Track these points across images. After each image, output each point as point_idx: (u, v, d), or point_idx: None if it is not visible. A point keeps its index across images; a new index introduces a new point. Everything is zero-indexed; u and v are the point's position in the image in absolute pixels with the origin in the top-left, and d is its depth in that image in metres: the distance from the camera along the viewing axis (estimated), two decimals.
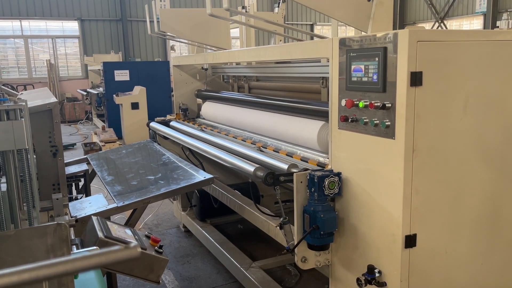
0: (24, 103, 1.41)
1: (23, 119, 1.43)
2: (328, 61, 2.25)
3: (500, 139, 2.10)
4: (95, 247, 1.51)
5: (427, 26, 20.89)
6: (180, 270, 4.10)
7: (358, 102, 2.04)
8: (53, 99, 2.34)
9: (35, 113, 2.13)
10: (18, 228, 1.26)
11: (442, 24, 19.96)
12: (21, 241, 1.09)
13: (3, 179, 1.45)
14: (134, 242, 0.53)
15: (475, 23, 18.80)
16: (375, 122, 1.97)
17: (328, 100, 2.31)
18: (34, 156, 2.08)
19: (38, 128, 2.18)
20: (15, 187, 1.44)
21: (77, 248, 1.63)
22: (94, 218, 1.83)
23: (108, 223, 1.87)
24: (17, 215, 1.40)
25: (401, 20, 22.44)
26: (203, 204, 4.47)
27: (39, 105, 2.16)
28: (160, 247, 1.97)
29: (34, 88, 13.52)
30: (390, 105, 1.90)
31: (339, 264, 2.35)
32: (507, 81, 2.07)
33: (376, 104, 1.94)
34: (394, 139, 1.89)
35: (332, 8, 2.52)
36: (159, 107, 9.79)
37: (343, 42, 2.13)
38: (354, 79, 2.07)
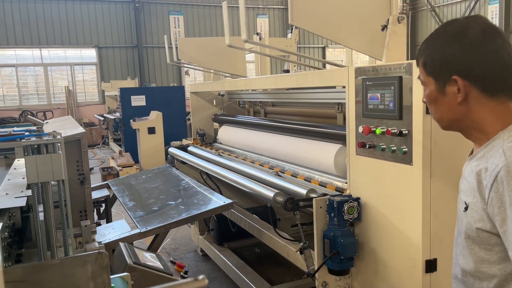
0: (61, 137, 1.50)
1: (60, 152, 1.52)
2: (344, 88, 2.32)
3: None
4: (126, 273, 1.58)
5: None
6: None
7: (375, 129, 2.10)
8: (81, 129, 2.45)
9: (65, 143, 2.23)
10: (62, 257, 1.33)
11: None
12: (64, 270, 1.16)
13: (41, 208, 1.54)
14: (202, 275, 0.59)
15: None
16: (392, 148, 2.02)
17: (344, 124, 2.38)
18: None
19: (67, 157, 2.27)
20: (52, 215, 1.53)
21: None
22: (122, 244, 1.90)
23: (135, 249, 1.94)
24: (53, 242, 1.48)
25: (412, 41, 22.59)
26: (220, 228, 4.51)
27: (68, 136, 2.27)
28: (186, 272, 2.02)
29: (53, 114, 13.86)
30: (406, 132, 1.95)
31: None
32: None
33: (393, 131, 2.00)
34: (412, 165, 1.94)
35: (347, 38, 2.62)
36: (175, 131, 9.94)
37: (359, 71, 2.20)
38: (371, 106, 2.14)
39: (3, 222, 1.47)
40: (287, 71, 5.91)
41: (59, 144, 1.48)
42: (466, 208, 1.22)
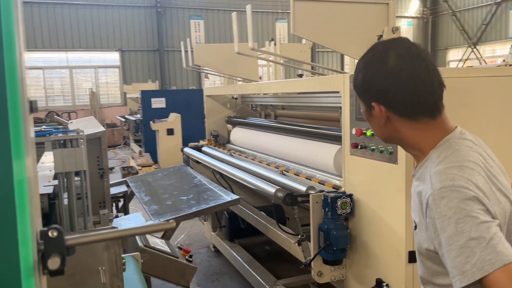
0: (84, 134, 1.75)
1: (82, 146, 1.77)
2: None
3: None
4: (136, 253, 1.82)
5: (460, 51, 20.82)
6: (209, 287, 4.35)
7: (366, 131, 2.29)
8: (101, 128, 2.71)
9: (87, 140, 2.49)
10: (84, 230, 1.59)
11: (475, 50, 19.85)
12: None
13: (65, 195, 1.79)
14: (172, 220, 0.81)
15: (508, 48, 18.59)
16: (380, 149, 2.21)
17: None
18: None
19: (88, 153, 2.53)
20: (74, 202, 1.78)
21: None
22: None
23: (147, 235, 2.18)
24: (75, 224, 1.73)
25: (433, 46, 22.47)
26: (231, 225, 4.73)
27: (90, 134, 2.53)
28: (190, 256, 2.25)
29: (77, 115, 14.37)
30: None
31: (353, 279, 2.55)
32: (504, 114, 2.27)
33: None
34: (397, 164, 2.13)
35: (346, 46, 2.81)
36: (193, 132, 10.22)
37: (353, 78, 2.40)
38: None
39: None
40: (301, 75, 6.13)
41: (81, 140, 1.72)
42: (415, 227, 1.28)
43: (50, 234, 0.60)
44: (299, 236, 2.61)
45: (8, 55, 0.57)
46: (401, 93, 1.21)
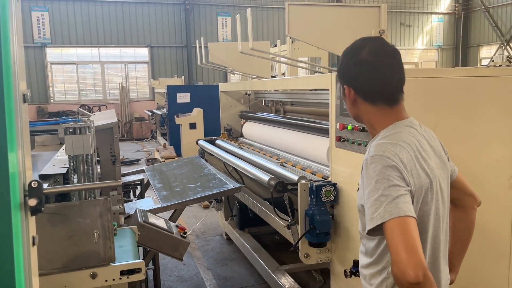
0: (90, 123, 2.06)
1: (89, 133, 2.08)
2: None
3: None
4: (134, 226, 2.12)
5: (492, 49, 20.33)
6: (218, 271, 4.65)
7: (347, 126, 2.51)
8: (115, 120, 3.02)
9: (101, 130, 2.81)
10: (80, 200, 1.90)
11: (508, 47, 19.34)
12: (82, 208, 1.71)
13: (75, 176, 2.11)
14: (119, 181, 1.07)
15: None
16: (358, 142, 2.43)
17: None
18: (99, 159, 2.74)
19: (102, 142, 2.85)
20: (83, 180, 2.09)
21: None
22: (138, 210, 2.44)
23: (148, 214, 2.47)
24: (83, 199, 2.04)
25: (464, 42, 22.02)
26: (242, 214, 5.01)
27: (103, 124, 2.85)
28: (185, 233, 2.53)
29: (107, 109, 14.97)
30: None
31: (337, 261, 2.78)
32: (469, 113, 2.44)
33: (359, 127, 2.40)
34: None
35: (340, 47, 3.01)
36: (215, 126, 10.53)
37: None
38: (345, 106, 2.55)
39: (49, 183, 2.04)
40: (316, 72, 6.35)
41: (89, 128, 2.03)
42: (358, 189, 1.58)
43: (32, 184, 0.88)
44: (289, 221, 2.85)
45: (4, 50, 0.82)
46: (365, 81, 1.51)
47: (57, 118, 3.03)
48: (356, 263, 2.48)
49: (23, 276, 0.81)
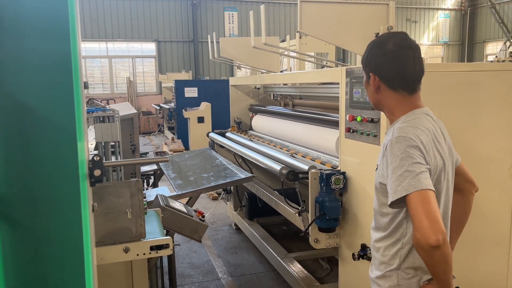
0: (118, 112, 2.21)
1: (117, 122, 2.23)
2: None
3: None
4: (158, 208, 2.27)
5: (498, 45, 20.31)
6: (228, 258, 4.81)
7: (357, 117, 2.65)
8: (134, 111, 3.18)
9: (121, 120, 2.97)
10: (114, 181, 2.05)
11: None
12: (116, 189, 1.87)
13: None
14: (167, 157, 1.21)
15: None
16: (367, 132, 2.57)
17: None
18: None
19: (123, 132, 3.01)
20: (111, 169, 2.24)
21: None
22: (159, 195, 2.60)
23: (169, 199, 2.63)
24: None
25: (470, 38, 22.02)
26: (251, 204, 5.16)
27: (124, 115, 3.00)
28: (203, 217, 2.69)
29: (115, 103, 15.15)
30: (377, 119, 2.49)
31: (345, 246, 2.93)
32: (472, 106, 2.57)
33: (368, 118, 2.54)
34: (379, 145, 2.48)
35: (348, 42, 3.15)
36: (223, 120, 10.69)
37: (348, 71, 2.75)
38: (355, 99, 2.69)
39: None
40: (323, 66, 6.49)
41: (116, 117, 2.18)
42: (376, 168, 1.75)
43: (95, 158, 1.03)
44: (299, 208, 3.00)
45: (73, 45, 0.97)
46: (390, 70, 1.68)
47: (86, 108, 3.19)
48: (363, 246, 2.64)
49: (89, 238, 0.96)
